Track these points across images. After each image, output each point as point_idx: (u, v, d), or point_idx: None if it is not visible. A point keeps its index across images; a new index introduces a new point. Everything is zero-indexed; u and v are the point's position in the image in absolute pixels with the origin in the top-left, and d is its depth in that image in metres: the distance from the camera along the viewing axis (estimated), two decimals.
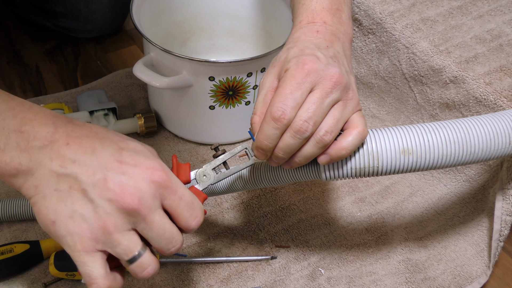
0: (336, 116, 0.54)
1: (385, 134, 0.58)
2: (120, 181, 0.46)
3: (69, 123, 0.48)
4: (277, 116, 0.52)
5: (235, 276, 0.73)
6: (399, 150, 0.57)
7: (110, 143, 0.48)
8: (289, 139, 0.53)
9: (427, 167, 0.58)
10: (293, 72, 0.53)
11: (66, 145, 0.46)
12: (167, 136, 0.91)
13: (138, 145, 0.50)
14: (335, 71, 0.54)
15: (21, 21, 1.12)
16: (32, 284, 0.70)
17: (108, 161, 0.47)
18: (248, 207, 0.81)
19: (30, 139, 0.46)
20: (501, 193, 0.73)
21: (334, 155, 0.55)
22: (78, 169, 0.46)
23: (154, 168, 0.47)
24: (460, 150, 0.58)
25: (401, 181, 0.85)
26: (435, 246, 0.77)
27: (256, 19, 0.96)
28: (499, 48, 0.84)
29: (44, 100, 0.94)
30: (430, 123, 0.59)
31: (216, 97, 0.82)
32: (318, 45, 0.56)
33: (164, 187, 0.48)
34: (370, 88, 0.94)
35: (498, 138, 0.59)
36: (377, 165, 0.57)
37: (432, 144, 0.57)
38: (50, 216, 0.46)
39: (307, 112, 0.52)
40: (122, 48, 1.09)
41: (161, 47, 0.78)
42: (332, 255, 0.76)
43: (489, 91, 0.77)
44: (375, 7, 0.90)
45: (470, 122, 0.59)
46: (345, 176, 0.59)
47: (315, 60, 0.54)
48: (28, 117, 0.47)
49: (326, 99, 0.53)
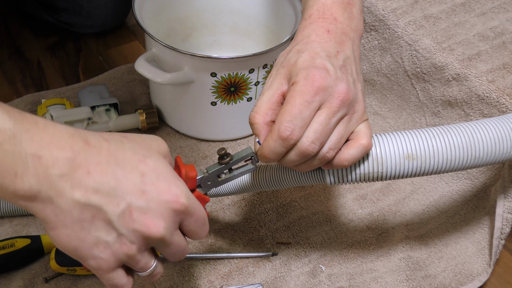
0: (341, 132, 0.55)
1: (389, 139, 0.58)
2: (145, 212, 0.47)
3: (87, 146, 0.46)
4: (285, 136, 0.53)
5: (236, 272, 0.73)
6: (403, 155, 0.57)
7: (131, 169, 0.47)
8: (294, 157, 0.54)
9: (431, 172, 0.58)
10: (302, 88, 0.53)
11: (87, 174, 0.45)
12: (169, 132, 0.91)
13: (156, 161, 0.49)
14: (343, 88, 0.54)
15: (23, 16, 1.12)
16: (33, 279, 0.70)
17: (131, 191, 0.46)
18: (249, 204, 0.81)
19: (49, 166, 0.44)
20: (503, 191, 0.73)
21: (335, 164, 0.56)
22: (102, 199, 0.45)
23: (176, 196, 0.48)
24: (465, 155, 0.58)
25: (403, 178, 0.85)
26: (436, 244, 0.77)
27: (258, 15, 0.96)
28: (502, 46, 0.83)
29: (46, 95, 0.94)
30: (434, 128, 0.59)
31: (218, 93, 0.82)
32: (328, 52, 0.56)
33: (184, 213, 0.49)
34: (372, 85, 0.94)
35: (502, 142, 0.59)
36: (381, 170, 0.58)
37: (436, 149, 0.57)
38: (73, 244, 0.46)
39: (315, 133, 0.53)
40: (124, 44, 1.08)
41: (163, 42, 0.78)
42: (333, 252, 0.76)
43: (492, 88, 0.77)
44: (378, 3, 0.90)
45: (474, 126, 0.59)
46: (350, 181, 0.59)
47: (325, 76, 0.53)
48: (45, 140, 0.44)
49: (333, 118, 0.54)
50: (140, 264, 0.49)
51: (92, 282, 0.70)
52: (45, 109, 0.84)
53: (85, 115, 0.84)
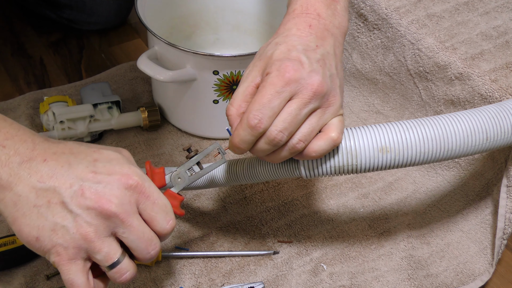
0: (312, 124, 0.55)
1: (363, 132, 0.59)
2: (96, 190, 0.48)
3: (46, 141, 0.51)
4: (253, 124, 0.53)
5: (237, 271, 0.73)
6: (377, 148, 0.58)
7: (85, 156, 0.50)
8: (263, 145, 0.55)
9: (405, 164, 0.59)
10: (273, 80, 0.54)
11: (43, 161, 0.49)
12: (171, 130, 0.91)
13: (111, 153, 0.52)
14: (316, 80, 0.54)
15: (26, 13, 1.12)
16: (34, 276, 0.70)
17: (83, 172, 0.49)
18: (251, 202, 0.81)
19: (11, 154, 0.48)
20: (506, 191, 0.73)
21: (304, 155, 0.56)
22: (55, 182, 0.48)
23: (128, 174, 0.50)
24: (438, 147, 0.59)
25: (405, 177, 0.85)
26: (438, 243, 0.77)
27: (260, 13, 0.96)
28: (505, 45, 0.83)
29: (48, 93, 0.94)
30: (408, 121, 0.60)
31: (220, 91, 0.82)
32: (307, 45, 0.56)
33: (138, 192, 0.50)
34: (375, 84, 0.94)
35: (475, 135, 0.60)
36: (355, 163, 0.58)
37: (410, 142, 0.58)
38: (33, 233, 0.48)
39: (283, 122, 0.53)
40: (126, 41, 1.08)
41: (166, 40, 0.78)
42: (334, 251, 0.75)
43: (495, 88, 0.77)
44: (381, 2, 0.90)
45: (447, 118, 0.60)
46: (324, 174, 0.60)
47: (298, 68, 0.54)
48: (10, 132, 0.49)
49: (304, 109, 0.54)
50: (102, 253, 0.49)
51: None
52: (47, 106, 0.84)
53: (87, 112, 0.84)
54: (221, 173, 0.67)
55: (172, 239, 0.75)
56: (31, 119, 0.89)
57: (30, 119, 0.89)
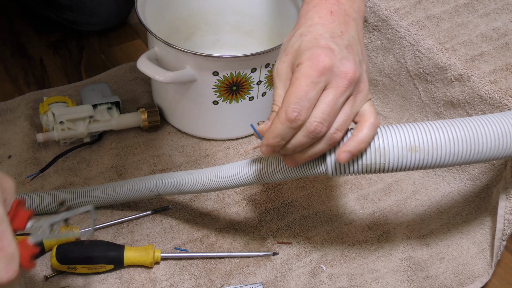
0: (347, 113, 0.54)
1: (393, 131, 0.57)
2: None
3: None
4: (292, 117, 0.52)
5: (237, 272, 0.73)
6: (406, 147, 0.57)
7: None
8: (302, 138, 0.54)
9: (434, 165, 0.58)
10: (307, 70, 0.53)
11: None
12: (170, 131, 0.91)
13: None
14: (350, 67, 0.53)
15: (26, 13, 1.12)
16: (33, 277, 0.70)
17: None
18: (250, 203, 0.81)
19: None
20: (505, 192, 0.73)
21: (355, 149, 0.55)
22: None
23: None
24: (468, 148, 0.58)
25: (404, 179, 0.85)
26: (437, 245, 0.77)
27: (261, 14, 0.96)
28: (505, 47, 0.83)
29: (48, 93, 0.94)
30: (438, 121, 0.59)
31: (220, 92, 0.82)
32: (332, 32, 0.55)
33: None
34: (375, 85, 0.94)
35: (506, 138, 0.59)
36: (383, 162, 0.57)
37: (440, 142, 0.57)
38: None
39: (322, 114, 0.53)
40: (126, 42, 1.08)
41: (165, 41, 0.78)
42: (334, 252, 0.75)
43: (494, 89, 0.77)
44: (381, 3, 0.90)
45: (478, 121, 0.59)
46: (352, 173, 0.58)
47: (330, 55, 0.53)
48: None
49: (340, 98, 0.53)
50: None
51: (92, 280, 0.70)
52: (47, 107, 0.84)
53: (87, 113, 0.84)
54: (251, 171, 0.64)
55: (172, 240, 0.75)
56: (30, 120, 0.89)
57: (29, 119, 0.89)
